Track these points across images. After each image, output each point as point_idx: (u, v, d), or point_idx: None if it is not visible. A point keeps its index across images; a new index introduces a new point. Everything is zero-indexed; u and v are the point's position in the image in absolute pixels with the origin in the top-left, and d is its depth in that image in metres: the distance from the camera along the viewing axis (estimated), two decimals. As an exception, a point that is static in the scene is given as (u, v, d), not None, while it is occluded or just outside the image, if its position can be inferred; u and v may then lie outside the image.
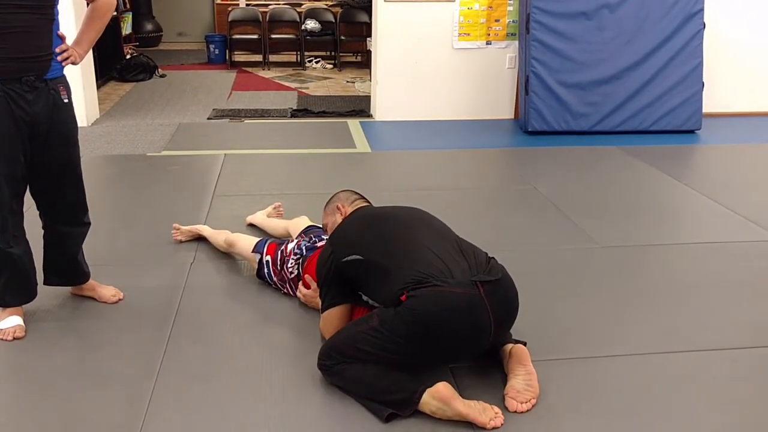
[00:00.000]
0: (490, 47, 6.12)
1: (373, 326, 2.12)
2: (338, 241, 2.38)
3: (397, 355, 2.09)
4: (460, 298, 2.07)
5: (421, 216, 2.44)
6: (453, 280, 2.10)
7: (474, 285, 2.10)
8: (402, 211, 2.46)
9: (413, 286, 2.09)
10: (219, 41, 9.40)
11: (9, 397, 2.20)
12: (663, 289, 2.98)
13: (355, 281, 2.30)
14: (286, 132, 5.73)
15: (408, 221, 2.38)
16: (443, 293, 2.07)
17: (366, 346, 2.12)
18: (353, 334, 2.18)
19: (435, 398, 2.02)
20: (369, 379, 2.11)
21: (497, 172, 4.85)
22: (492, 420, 2.01)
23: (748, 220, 3.81)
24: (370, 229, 2.37)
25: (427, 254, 2.19)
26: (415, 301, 2.07)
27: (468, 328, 2.09)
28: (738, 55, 6.34)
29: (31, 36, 2.27)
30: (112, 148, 5.09)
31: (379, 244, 2.27)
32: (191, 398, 2.17)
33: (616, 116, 5.77)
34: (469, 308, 2.08)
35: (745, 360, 2.46)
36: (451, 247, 2.25)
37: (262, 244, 2.93)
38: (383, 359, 2.10)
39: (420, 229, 2.33)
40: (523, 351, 2.23)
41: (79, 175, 2.58)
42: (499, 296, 2.14)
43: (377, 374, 2.11)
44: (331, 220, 2.64)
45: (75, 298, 2.79)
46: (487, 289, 2.10)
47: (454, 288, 2.08)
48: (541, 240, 3.50)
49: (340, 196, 2.70)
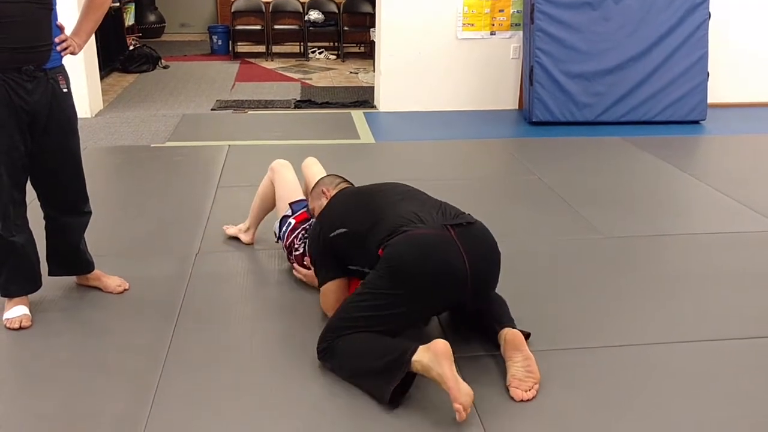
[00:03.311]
0: (494, 37, 6.10)
1: (357, 292, 2.23)
2: (325, 219, 2.51)
3: (385, 310, 2.14)
4: (431, 237, 2.17)
5: (397, 184, 2.57)
6: (423, 225, 2.20)
7: (444, 228, 2.20)
8: (380, 185, 2.59)
9: (387, 239, 2.19)
10: (222, 32, 9.38)
11: (14, 386, 2.21)
12: (666, 280, 2.98)
13: (344, 254, 2.39)
14: (289, 123, 5.73)
15: (384, 190, 2.50)
16: (413, 235, 2.17)
17: (355, 312, 2.18)
18: (343, 308, 2.26)
19: (430, 350, 2.01)
20: (361, 348, 2.14)
21: (501, 162, 4.84)
22: (461, 407, 1.94)
23: (753, 210, 3.80)
24: (351, 203, 2.51)
25: (400, 210, 2.30)
26: (389, 248, 2.17)
27: (442, 265, 2.13)
28: (743, 46, 6.31)
29: (30, 26, 2.27)
30: (115, 139, 5.09)
31: (360, 215, 2.39)
32: (197, 389, 2.18)
33: (620, 107, 5.76)
34: (441, 246, 2.15)
35: (750, 351, 2.45)
36: (425, 203, 2.37)
37: (299, 206, 2.94)
38: (374, 321, 2.14)
39: (393, 193, 2.46)
40: (516, 335, 2.24)
41: (78, 164, 2.57)
42: (471, 239, 2.21)
43: (369, 341, 2.14)
44: (317, 204, 2.73)
45: (80, 288, 2.79)
46: (457, 231, 2.19)
47: (424, 230, 2.18)
48: (545, 230, 3.50)
49: (324, 181, 2.81)
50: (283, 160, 3.13)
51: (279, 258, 3.10)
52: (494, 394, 2.15)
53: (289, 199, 2.97)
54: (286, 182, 3.05)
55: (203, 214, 3.60)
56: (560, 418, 2.06)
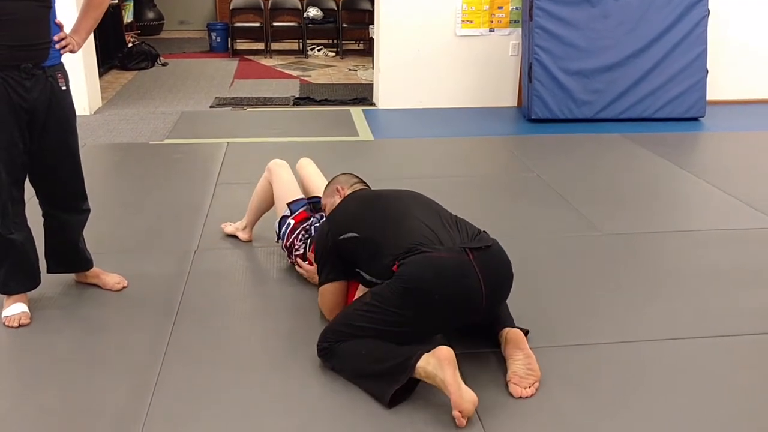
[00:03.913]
0: (493, 34, 6.10)
1: (366, 301, 2.18)
2: (336, 220, 2.46)
3: (392, 326, 2.11)
4: (449, 261, 2.12)
5: (415, 195, 2.52)
6: (442, 246, 2.16)
7: (463, 251, 2.15)
8: (397, 192, 2.54)
9: (404, 256, 2.15)
10: (221, 29, 9.37)
11: (14, 383, 2.21)
12: (665, 276, 2.98)
13: (351, 257, 2.37)
14: (288, 120, 5.73)
15: (402, 200, 2.45)
16: (431, 257, 2.12)
17: (361, 322, 2.15)
18: (348, 314, 2.23)
19: (435, 356, 2.01)
20: (364, 351, 2.13)
21: (500, 160, 4.84)
22: (459, 414, 1.96)
23: (751, 207, 3.80)
24: (366, 208, 2.45)
25: (419, 226, 2.25)
26: (405, 267, 2.12)
27: (458, 290, 2.11)
28: (742, 43, 6.31)
29: (28, 24, 2.27)
30: (114, 136, 5.09)
31: (373, 222, 2.35)
32: (196, 385, 2.18)
33: (619, 104, 5.75)
34: (459, 270, 2.11)
35: (747, 347, 2.46)
36: (444, 221, 2.32)
37: (298, 205, 2.94)
38: (379, 333, 2.12)
39: (412, 205, 2.40)
40: (518, 334, 2.24)
41: (77, 162, 2.58)
42: (489, 262, 2.18)
43: (372, 346, 2.12)
44: (330, 201, 2.71)
45: (79, 285, 2.80)
46: (476, 255, 2.15)
47: (442, 253, 2.14)
48: (544, 227, 3.50)
49: (339, 179, 2.76)
50: (280, 160, 3.12)
51: (278, 255, 3.10)
52: (493, 390, 2.15)
53: (287, 199, 2.97)
54: (283, 182, 3.04)
55: (202, 212, 3.60)
56: (558, 415, 2.07)
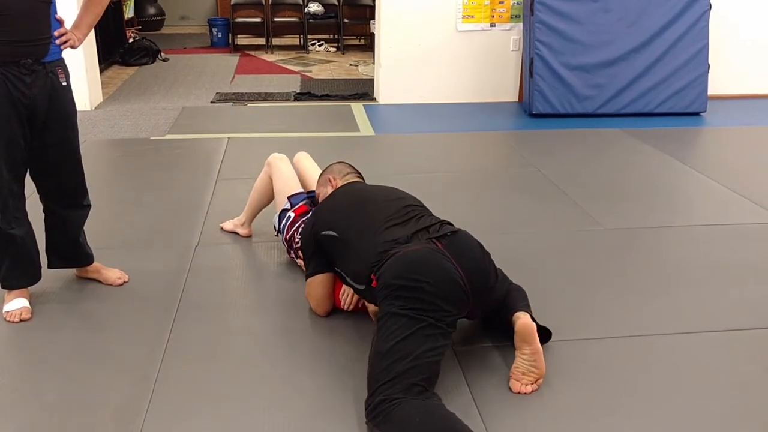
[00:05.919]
0: (494, 29, 6.09)
1: (376, 330, 2.08)
2: (321, 215, 2.50)
3: (410, 329, 2.01)
4: (420, 252, 2.15)
5: (401, 197, 2.50)
6: (410, 244, 2.19)
7: (430, 241, 2.19)
8: (384, 193, 2.53)
9: (378, 267, 2.16)
10: (222, 25, 9.37)
11: (15, 378, 2.21)
12: (666, 271, 2.98)
13: (330, 254, 2.41)
14: (289, 115, 5.72)
15: (383, 202, 2.44)
16: (403, 254, 2.15)
17: (386, 344, 2.01)
18: (372, 356, 2.06)
19: None
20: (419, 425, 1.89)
21: (501, 155, 4.84)
22: None
23: (752, 202, 3.79)
24: (349, 207, 2.46)
25: (392, 232, 2.25)
26: (383, 275, 2.13)
27: (441, 276, 2.09)
28: (743, 37, 6.30)
29: (29, 20, 2.27)
30: (115, 132, 5.09)
31: (352, 224, 2.37)
32: (196, 380, 2.19)
33: (620, 98, 5.74)
34: (431, 256, 2.13)
35: (749, 341, 2.46)
36: (410, 218, 2.33)
37: (298, 199, 2.94)
38: (408, 343, 1.99)
39: (393, 208, 2.39)
40: (526, 328, 2.18)
41: (78, 157, 2.58)
42: (459, 247, 2.19)
43: (426, 417, 1.90)
44: (322, 191, 2.73)
45: (80, 280, 2.80)
46: (444, 242, 2.19)
47: (413, 247, 2.16)
48: (545, 222, 3.50)
49: (333, 168, 2.79)
50: (279, 154, 3.12)
51: (278, 250, 3.10)
52: (494, 385, 2.16)
53: (288, 192, 2.97)
54: (283, 176, 3.04)
55: (203, 207, 3.61)
56: (560, 409, 2.07)
